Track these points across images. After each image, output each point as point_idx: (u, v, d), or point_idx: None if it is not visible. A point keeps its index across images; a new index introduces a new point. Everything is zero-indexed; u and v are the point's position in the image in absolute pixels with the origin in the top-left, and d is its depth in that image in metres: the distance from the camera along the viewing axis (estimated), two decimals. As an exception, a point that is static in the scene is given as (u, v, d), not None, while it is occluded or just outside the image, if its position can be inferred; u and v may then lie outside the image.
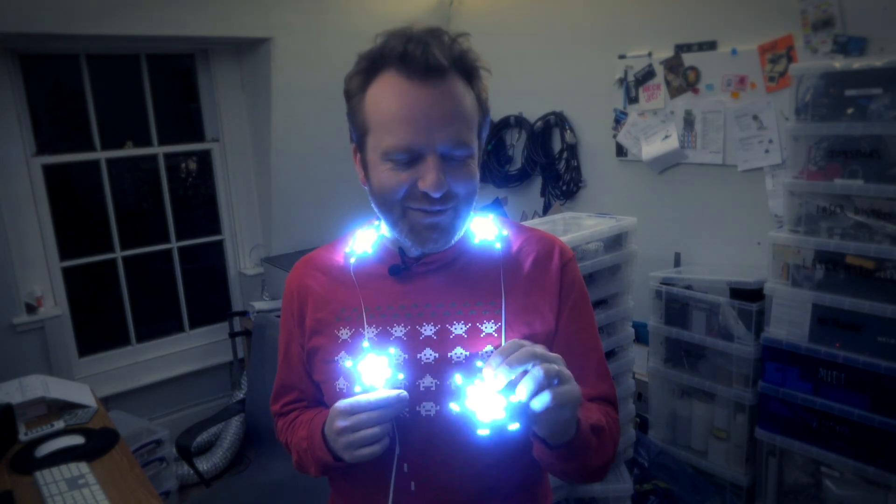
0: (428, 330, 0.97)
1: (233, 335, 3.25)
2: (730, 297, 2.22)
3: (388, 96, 0.89)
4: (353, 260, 1.04)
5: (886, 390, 1.87)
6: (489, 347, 0.94)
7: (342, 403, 0.91)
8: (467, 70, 0.93)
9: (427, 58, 0.86)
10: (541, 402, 0.78)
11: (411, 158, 0.89)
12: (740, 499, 2.30)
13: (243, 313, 3.32)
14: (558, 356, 0.82)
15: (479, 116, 0.96)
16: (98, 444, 1.82)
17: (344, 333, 1.00)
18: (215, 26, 2.83)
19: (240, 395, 3.16)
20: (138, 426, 2.66)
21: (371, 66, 0.91)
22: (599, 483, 2.12)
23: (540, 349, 0.81)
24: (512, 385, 0.79)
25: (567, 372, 0.81)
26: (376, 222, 1.06)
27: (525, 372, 0.79)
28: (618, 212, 2.31)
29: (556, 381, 0.78)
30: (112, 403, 2.98)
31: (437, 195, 0.88)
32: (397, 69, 0.88)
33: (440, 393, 0.94)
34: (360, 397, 0.90)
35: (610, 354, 2.13)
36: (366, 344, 0.95)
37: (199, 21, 2.78)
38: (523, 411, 0.79)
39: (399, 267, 0.99)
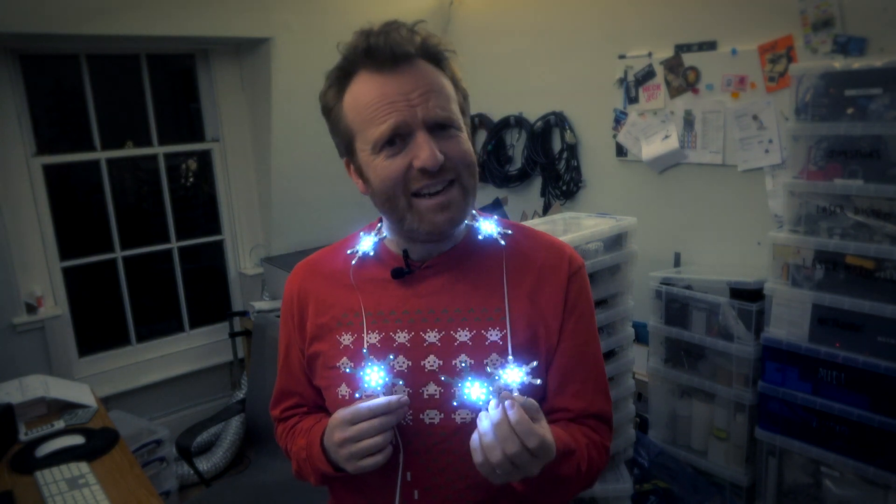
0: (432, 336, 0.95)
1: (233, 335, 3.25)
2: (730, 297, 2.22)
3: (365, 94, 0.89)
4: (354, 263, 1.02)
5: (886, 390, 1.87)
6: (495, 356, 0.94)
7: (342, 413, 0.89)
8: (434, 55, 0.92)
9: (391, 46, 0.87)
10: (472, 452, 0.82)
11: (401, 140, 0.88)
12: (740, 499, 2.30)
13: (243, 313, 3.32)
14: (532, 470, 0.83)
15: (459, 96, 0.95)
16: (98, 444, 1.82)
17: (346, 339, 0.98)
18: (215, 26, 2.83)
19: (240, 395, 3.16)
20: (138, 426, 2.66)
21: (341, 74, 0.92)
22: (599, 483, 2.12)
23: (522, 458, 0.80)
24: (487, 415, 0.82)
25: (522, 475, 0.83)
26: (378, 224, 1.05)
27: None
28: (618, 212, 2.31)
29: (496, 474, 0.81)
30: (112, 403, 2.98)
31: (434, 168, 0.87)
32: (366, 67, 0.89)
33: (444, 401, 0.93)
34: (360, 405, 0.88)
35: (610, 354, 2.13)
36: (364, 349, 0.94)
37: (199, 21, 2.78)
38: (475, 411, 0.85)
39: (402, 270, 0.98)
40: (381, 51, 0.87)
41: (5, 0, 2.35)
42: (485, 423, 0.81)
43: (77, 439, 1.84)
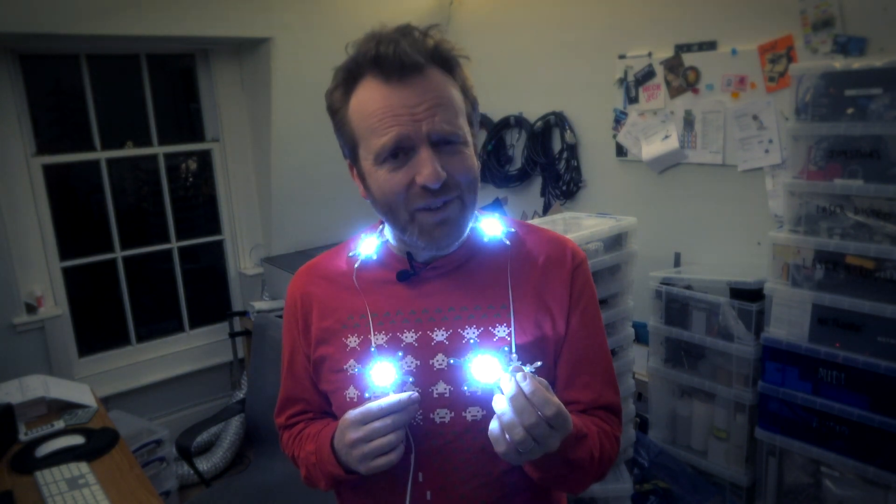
0: (440, 335, 0.95)
1: (233, 335, 3.25)
2: (730, 297, 2.22)
3: (370, 102, 0.88)
4: (357, 266, 1.02)
5: (886, 390, 1.87)
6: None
7: (352, 413, 0.89)
8: (444, 61, 0.90)
9: (400, 56, 0.85)
10: (493, 437, 0.82)
11: (404, 154, 0.87)
12: (740, 499, 2.30)
13: (243, 313, 3.32)
14: (553, 444, 0.82)
15: (467, 106, 0.93)
16: (98, 444, 1.82)
17: (352, 341, 0.97)
18: (215, 26, 2.83)
19: (240, 395, 3.16)
20: (138, 426, 2.66)
21: (348, 76, 0.90)
22: (599, 483, 2.12)
23: (541, 430, 0.79)
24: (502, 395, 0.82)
25: (544, 450, 0.82)
26: (380, 226, 1.05)
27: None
28: (618, 212, 2.31)
29: (519, 452, 0.80)
30: (112, 403, 2.98)
31: (436, 186, 0.86)
32: (374, 74, 0.87)
33: (454, 399, 0.93)
34: (370, 405, 0.88)
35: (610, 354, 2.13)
36: (372, 349, 0.94)
37: (199, 21, 2.78)
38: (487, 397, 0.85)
39: (408, 272, 0.97)
40: (389, 60, 0.85)
41: (5, 0, 2.35)
42: (500, 404, 0.81)
43: (77, 439, 1.84)
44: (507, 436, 0.80)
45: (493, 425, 0.82)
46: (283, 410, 1.11)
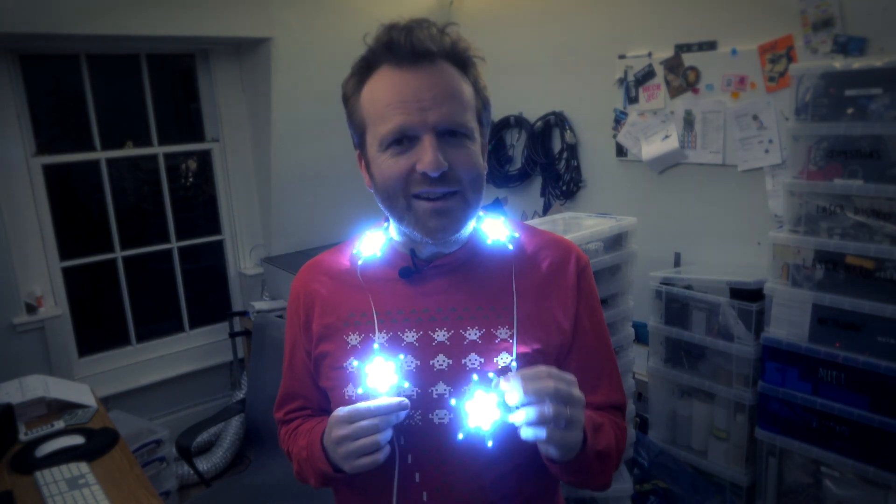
0: (441, 335, 0.94)
1: (233, 335, 3.25)
2: (730, 297, 2.22)
3: (381, 88, 0.89)
4: (360, 263, 1.01)
5: (886, 390, 1.87)
6: (505, 356, 0.92)
7: (342, 410, 0.89)
8: (459, 59, 0.92)
9: (412, 42, 0.86)
10: (534, 434, 0.79)
11: (408, 141, 0.88)
12: (740, 499, 2.30)
13: (243, 313, 3.32)
14: (580, 397, 0.81)
15: (478, 104, 0.94)
16: (98, 444, 1.82)
17: (353, 339, 0.97)
18: (215, 26, 2.83)
19: (240, 395, 3.16)
20: (138, 426, 2.66)
21: (364, 65, 0.91)
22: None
23: (563, 386, 0.79)
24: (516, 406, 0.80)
25: (579, 416, 0.81)
26: (384, 224, 1.05)
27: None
28: (618, 212, 2.31)
29: (562, 425, 0.78)
30: (112, 403, 2.98)
31: (435, 174, 0.86)
32: (388, 62, 0.89)
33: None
34: (360, 404, 0.88)
35: (610, 354, 2.13)
36: (375, 346, 0.93)
37: (199, 21, 2.78)
38: (511, 429, 0.81)
39: (409, 269, 0.97)
40: (401, 47, 0.86)
41: (5, 0, 2.35)
42: (518, 415, 0.79)
43: (77, 439, 1.84)
44: (546, 427, 0.78)
45: (527, 434, 0.80)
46: (282, 406, 1.12)
